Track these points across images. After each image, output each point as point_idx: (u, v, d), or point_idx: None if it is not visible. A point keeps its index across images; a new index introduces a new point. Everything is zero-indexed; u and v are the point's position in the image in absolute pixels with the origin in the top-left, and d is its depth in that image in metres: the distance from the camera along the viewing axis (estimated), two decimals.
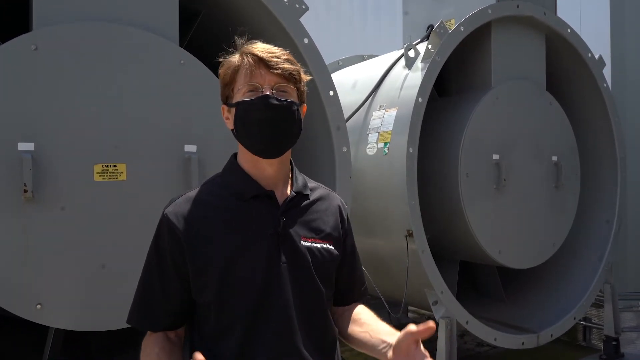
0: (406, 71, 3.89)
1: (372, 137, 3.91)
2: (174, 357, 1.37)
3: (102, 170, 2.45)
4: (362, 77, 4.63)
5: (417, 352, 1.25)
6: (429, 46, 3.67)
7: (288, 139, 1.40)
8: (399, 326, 4.55)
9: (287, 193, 1.45)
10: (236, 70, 1.37)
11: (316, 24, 9.89)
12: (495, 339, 4.00)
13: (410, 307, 6.18)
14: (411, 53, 3.91)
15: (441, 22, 3.66)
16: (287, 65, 1.36)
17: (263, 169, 1.41)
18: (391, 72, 4.13)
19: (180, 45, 2.78)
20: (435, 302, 3.73)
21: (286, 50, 1.41)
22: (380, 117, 3.90)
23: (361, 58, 5.66)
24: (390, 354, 1.32)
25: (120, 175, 2.49)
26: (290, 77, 1.37)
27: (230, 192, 1.41)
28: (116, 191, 2.46)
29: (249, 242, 1.36)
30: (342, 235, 1.52)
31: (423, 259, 3.59)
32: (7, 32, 2.44)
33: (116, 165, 2.48)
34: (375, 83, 4.14)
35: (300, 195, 1.45)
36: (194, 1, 3.00)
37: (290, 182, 1.48)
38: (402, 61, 4.01)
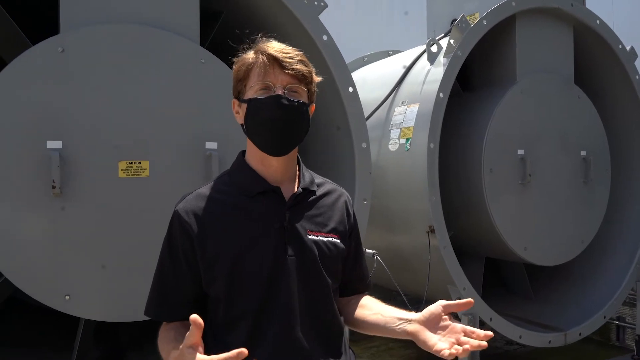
0: (428, 66, 3.87)
1: (394, 133, 3.91)
2: None
3: (127, 167, 2.54)
4: (385, 73, 4.62)
5: (451, 325, 1.27)
6: (451, 41, 3.64)
7: (296, 138, 1.44)
8: None
9: (293, 189, 1.48)
10: (250, 67, 1.40)
11: (343, 20, 9.90)
12: (520, 337, 3.95)
13: None
14: (434, 48, 3.89)
15: (463, 16, 3.62)
16: (300, 67, 1.39)
17: (270, 165, 1.45)
18: (414, 67, 4.11)
19: (203, 45, 2.84)
20: (458, 299, 3.70)
21: (300, 51, 1.44)
22: (402, 113, 3.89)
23: (386, 54, 5.65)
24: (409, 327, 1.32)
25: (143, 172, 2.57)
26: (303, 78, 1.41)
27: (237, 189, 1.45)
28: (140, 187, 2.55)
29: (256, 237, 1.39)
30: (348, 230, 1.54)
31: (445, 255, 3.57)
32: (41, 34, 2.54)
33: (140, 162, 2.57)
34: (398, 79, 4.13)
35: (307, 191, 1.48)
36: (216, 2, 3.06)
37: (297, 178, 1.51)
38: (425, 56, 3.99)
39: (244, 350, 1.09)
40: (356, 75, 5.26)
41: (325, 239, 1.45)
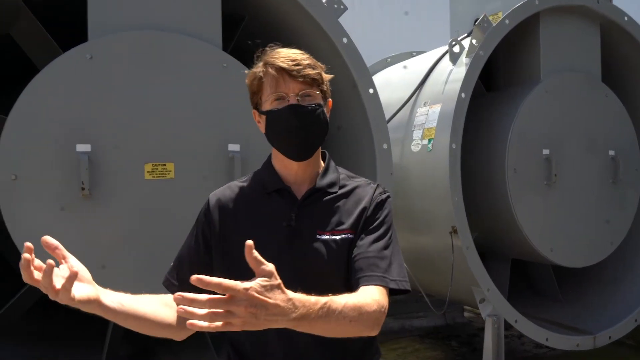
0: (450, 67, 3.86)
1: (417, 134, 3.91)
2: (172, 313, 1.39)
3: (152, 169, 2.62)
4: (408, 74, 4.63)
5: None
6: (473, 41, 3.63)
7: (317, 140, 1.47)
8: (453, 325, 4.51)
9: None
10: (261, 80, 1.44)
11: (370, 21, 9.91)
12: (547, 339, 3.89)
13: (465, 307, 6.10)
14: (456, 48, 3.88)
15: (484, 15, 3.61)
16: (309, 71, 1.42)
17: (291, 167, 1.49)
18: (436, 68, 4.11)
19: (226, 49, 2.91)
20: (482, 300, 3.68)
21: (306, 54, 1.47)
22: (424, 114, 3.89)
23: (410, 55, 5.64)
24: None
25: (168, 174, 2.65)
26: (313, 82, 1.43)
27: (258, 186, 1.52)
28: (165, 189, 2.63)
29: (264, 234, 1.43)
30: (362, 221, 1.47)
31: (468, 255, 3.55)
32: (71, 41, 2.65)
33: (165, 164, 2.65)
34: (420, 80, 4.13)
35: (321, 192, 1.49)
36: (239, 7, 3.13)
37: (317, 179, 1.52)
38: (447, 57, 3.98)
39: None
40: (380, 77, 5.29)
41: (337, 237, 1.44)
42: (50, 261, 1.10)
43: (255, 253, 1.06)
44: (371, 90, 3.11)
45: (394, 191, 3.25)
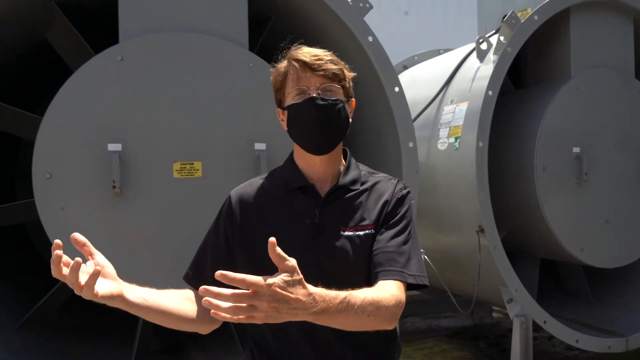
0: (478, 64, 3.82)
1: (443, 132, 3.88)
2: (194, 308, 1.42)
3: (181, 167, 2.68)
4: (435, 72, 4.60)
5: None
6: (501, 37, 3.59)
7: (337, 134, 1.49)
8: (481, 325, 4.46)
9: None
10: (284, 75, 1.47)
11: (398, 20, 9.87)
12: (577, 341, 3.82)
13: (494, 307, 6.03)
14: (483, 45, 3.84)
15: (512, 11, 3.56)
16: (330, 66, 1.44)
17: (314, 164, 1.51)
18: (463, 65, 4.07)
19: (253, 49, 2.95)
20: (510, 300, 3.64)
21: (329, 51, 1.49)
22: (451, 112, 3.86)
23: (437, 52, 5.60)
24: None
25: (196, 172, 2.70)
26: (334, 77, 1.46)
27: (281, 183, 1.53)
28: (193, 187, 2.68)
29: (287, 231, 1.45)
30: (384, 215, 1.48)
31: (495, 255, 3.51)
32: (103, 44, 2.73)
33: (193, 163, 2.70)
34: (447, 77, 4.10)
35: (344, 189, 1.51)
36: (264, 7, 3.16)
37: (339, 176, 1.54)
38: (475, 54, 3.94)
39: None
40: (407, 75, 5.27)
41: (361, 232, 1.45)
42: (78, 259, 1.15)
43: (279, 249, 1.09)
44: (397, 89, 3.10)
45: (420, 190, 3.24)
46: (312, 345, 1.44)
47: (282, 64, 1.48)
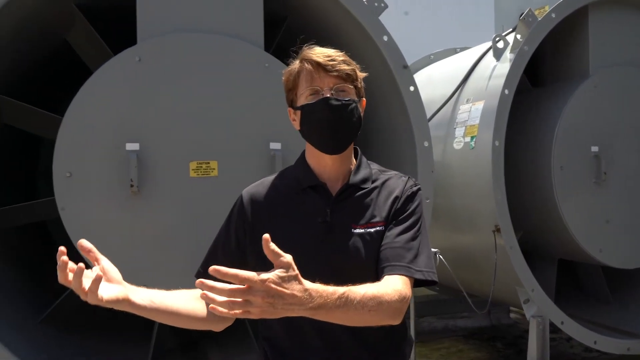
0: (494, 63, 3.80)
1: (459, 131, 3.87)
2: (204, 307, 1.43)
3: (197, 167, 2.71)
4: (450, 71, 4.58)
5: None
6: (517, 36, 3.56)
7: (349, 134, 1.50)
8: (499, 326, 4.42)
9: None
10: (297, 75, 1.48)
11: (414, 18, 9.82)
12: (595, 342, 3.77)
13: (511, 308, 5.98)
14: (500, 44, 3.81)
15: (529, 9, 3.53)
16: (343, 67, 1.45)
17: (325, 163, 1.52)
18: (479, 64, 4.05)
19: (269, 49, 2.98)
20: (527, 301, 3.61)
21: (341, 52, 1.50)
22: (467, 111, 3.85)
23: (453, 51, 5.57)
24: None
25: (212, 172, 2.73)
26: (347, 77, 1.47)
27: (292, 182, 1.54)
28: (209, 186, 2.71)
29: (299, 229, 1.47)
30: (393, 211, 1.49)
31: (511, 255, 3.49)
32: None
33: (209, 162, 2.73)
34: (463, 77, 4.08)
35: (355, 187, 1.52)
36: (279, 7, 3.19)
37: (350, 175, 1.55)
38: (491, 53, 3.92)
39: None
40: (422, 74, 5.25)
41: (372, 229, 1.46)
42: (81, 264, 1.16)
43: (272, 245, 1.11)
44: (412, 88, 3.10)
45: (436, 189, 3.23)
46: (324, 342, 1.45)
47: (295, 64, 1.50)
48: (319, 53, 1.46)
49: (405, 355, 1.57)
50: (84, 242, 1.25)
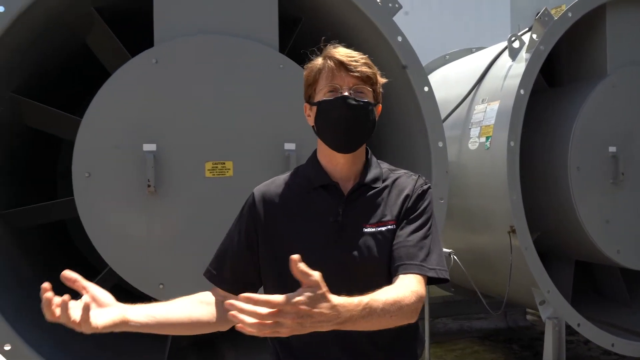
0: (509, 63, 3.78)
1: (474, 132, 3.85)
2: (210, 310, 1.47)
3: (212, 167, 2.75)
4: (466, 71, 4.56)
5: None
6: (533, 35, 3.54)
7: (362, 135, 1.51)
8: (515, 328, 4.40)
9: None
10: (319, 72, 1.50)
11: (430, 18, 9.78)
12: (612, 345, 3.73)
13: (528, 310, 5.93)
14: (515, 44, 3.79)
15: (545, 9, 3.50)
16: (364, 69, 1.47)
17: (337, 162, 1.53)
18: (495, 64, 4.03)
19: (284, 50, 3.00)
20: (542, 302, 3.58)
21: (365, 55, 1.52)
22: (482, 111, 3.83)
23: (469, 51, 5.54)
24: None
25: (227, 172, 2.76)
26: (367, 80, 1.48)
27: (304, 181, 1.56)
28: (224, 186, 2.74)
29: (311, 228, 1.48)
30: (404, 210, 1.50)
31: (527, 256, 3.47)
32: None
33: (224, 163, 2.76)
34: (478, 77, 4.07)
35: (366, 187, 1.53)
36: (293, 8, 3.21)
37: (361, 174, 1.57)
38: (507, 53, 3.90)
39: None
40: (437, 74, 5.23)
41: (383, 228, 1.48)
42: (65, 296, 1.15)
43: (302, 266, 1.10)
44: (426, 88, 3.10)
45: (451, 190, 3.22)
46: (336, 341, 1.45)
47: (318, 61, 1.51)
48: (343, 52, 1.48)
49: (417, 355, 1.58)
50: (68, 273, 1.23)
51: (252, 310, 1.06)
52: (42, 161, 3.99)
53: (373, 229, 1.47)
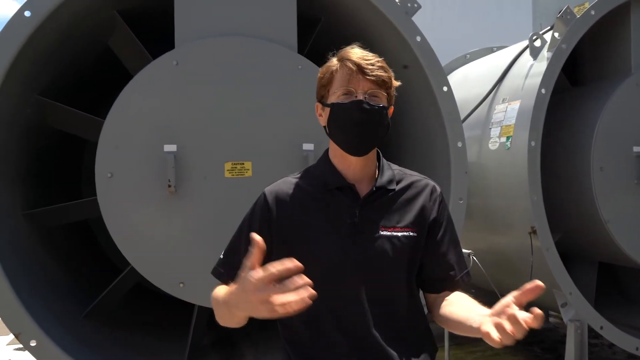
0: (531, 62, 3.73)
1: (495, 132, 3.81)
2: None
3: (232, 167, 2.78)
4: (486, 70, 4.52)
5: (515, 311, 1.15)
6: (555, 34, 3.49)
7: (375, 139, 1.51)
8: (537, 330, 4.36)
9: (370, 187, 1.54)
10: (334, 73, 1.50)
11: (451, 17, 9.71)
12: (637, 349, 3.66)
13: (551, 312, 5.84)
14: (537, 42, 3.74)
15: (567, 7, 3.45)
16: (380, 73, 1.47)
17: (350, 164, 1.53)
18: (516, 63, 3.98)
19: (303, 51, 3.01)
20: (564, 304, 3.53)
21: (380, 57, 1.52)
22: (502, 111, 3.79)
23: (490, 50, 5.48)
24: (483, 325, 1.19)
25: (246, 172, 2.79)
26: (382, 84, 1.48)
27: (318, 182, 1.55)
28: (243, 186, 2.77)
29: (327, 230, 1.49)
30: (429, 221, 1.54)
31: (548, 257, 3.42)
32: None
33: (243, 163, 2.79)
34: (499, 76, 4.03)
35: (382, 189, 1.53)
36: (311, 8, 3.22)
37: (375, 176, 1.57)
38: (528, 52, 3.85)
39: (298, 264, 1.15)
40: (458, 73, 5.19)
41: (399, 233, 1.49)
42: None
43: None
44: (445, 88, 3.08)
45: (471, 190, 3.20)
46: (346, 337, 1.46)
47: (333, 62, 1.51)
48: (359, 55, 1.48)
49: (431, 356, 1.57)
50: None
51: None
52: (67, 162, 4.08)
53: (389, 233, 1.48)
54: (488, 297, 5.34)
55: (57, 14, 2.61)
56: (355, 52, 1.49)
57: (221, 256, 1.61)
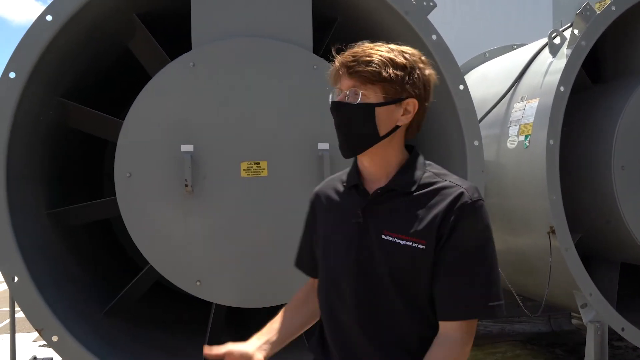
0: (550, 59, 3.68)
1: (513, 130, 3.78)
2: (306, 308, 1.67)
3: (248, 167, 2.81)
4: (505, 68, 4.47)
5: None
6: (575, 31, 3.44)
7: (360, 139, 1.40)
8: (559, 332, 4.27)
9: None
10: (329, 74, 1.48)
11: (471, 15, 9.62)
12: None
13: (573, 314, 5.75)
14: (556, 40, 3.69)
15: (587, 3, 3.40)
16: (363, 68, 1.35)
17: (362, 163, 1.49)
18: (535, 61, 3.93)
19: (319, 51, 3.03)
20: (584, 305, 3.48)
21: (380, 50, 1.40)
22: (521, 109, 3.75)
23: (510, 48, 5.41)
24: None
25: (262, 172, 2.82)
26: (369, 78, 1.36)
27: (345, 179, 1.56)
28: (259, 185, 2.80)
29: (339, 228, 1.49)
30: (444, 236, 1.35)
31: (567, 257, 3.37)
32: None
33: (259, 163, 2.82)
34: (517, 74, 3.98)
35: (393, 192, 1.42)
36: (330, 9, 3.23)
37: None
38: (547, 49, 3.80)
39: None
40: (477, 72, 5.15)
41: (403, 241, 1.37)
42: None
43: None
44: (461, 87, 3.06)
45: (489, 189, 3.18)
46: (338, 339, 1.50)
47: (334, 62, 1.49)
48: (349, 53, 1.41)
49: None
50: (208, 350, 1.52)
51: None
52: (89, 162, 4.17)
53: (391, 238, 1.38)
54: (509, 298, 5.29)
55: (77, 18, 2.67)
56: (350, 49, 1.42)
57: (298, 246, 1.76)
